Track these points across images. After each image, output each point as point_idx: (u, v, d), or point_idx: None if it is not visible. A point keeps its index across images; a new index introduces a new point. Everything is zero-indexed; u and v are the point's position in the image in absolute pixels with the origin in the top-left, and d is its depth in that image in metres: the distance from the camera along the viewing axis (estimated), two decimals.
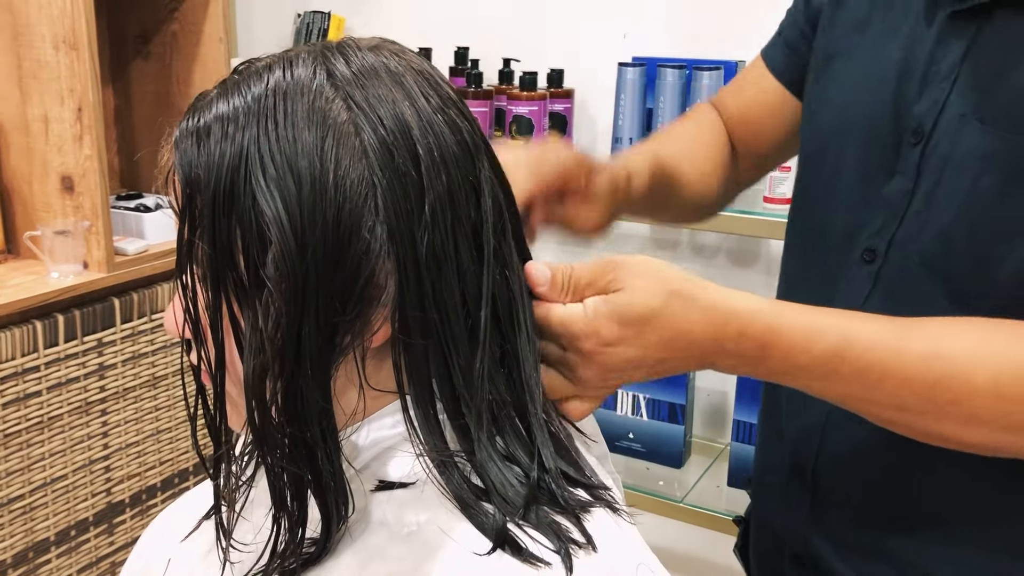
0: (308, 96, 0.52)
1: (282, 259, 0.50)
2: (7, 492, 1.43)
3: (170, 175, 0.55)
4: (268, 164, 0.51)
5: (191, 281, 0.54)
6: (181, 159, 0.53)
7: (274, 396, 0.52)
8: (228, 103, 0.53)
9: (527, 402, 0.57)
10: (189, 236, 0.53)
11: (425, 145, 0.53)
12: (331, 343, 0.52)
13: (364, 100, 0.53)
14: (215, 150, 0.52)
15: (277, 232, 0.50)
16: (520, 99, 1.65)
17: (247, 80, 0.54)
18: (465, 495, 0.54)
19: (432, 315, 0.53)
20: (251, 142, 0.51)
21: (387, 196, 0.51)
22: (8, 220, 1.60)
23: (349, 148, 0.51)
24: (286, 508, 0.54)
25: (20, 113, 1.53)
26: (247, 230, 0.51)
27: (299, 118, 0.52)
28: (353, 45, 0.56)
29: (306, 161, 0.51)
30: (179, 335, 0.57)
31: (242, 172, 0.51)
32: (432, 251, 0.52)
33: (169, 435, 1.69)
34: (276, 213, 0.50)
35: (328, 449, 0.53)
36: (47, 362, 1.45)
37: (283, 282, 0.50)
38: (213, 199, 0.51)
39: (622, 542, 0.56)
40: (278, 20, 2.08)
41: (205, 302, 0.54)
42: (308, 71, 0.54)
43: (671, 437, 1.71)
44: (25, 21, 1.48)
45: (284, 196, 0.50)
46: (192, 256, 0.54)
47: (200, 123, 0.53)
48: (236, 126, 0.52)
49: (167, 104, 1.78)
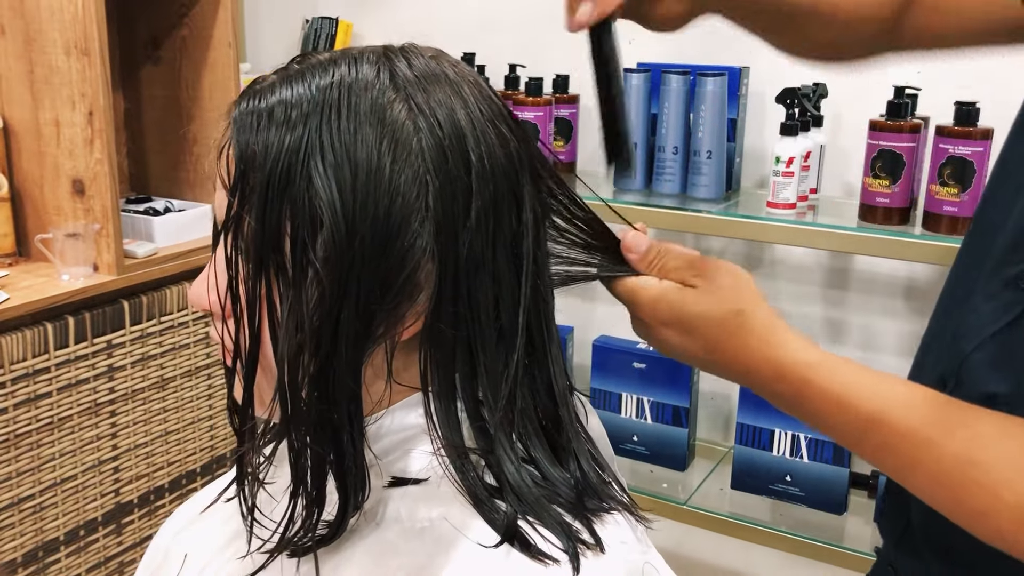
0: (371, 93, 0.54)
1: (332, 242, 0.52)
2: (18, 492, 1.44)
3: (225, 149, 0.56)
4: (328, 151, 0.53)
5: (234, 255, 0.55)
6: (239, 135, 0.55)
7: (306, 376, 0.53)
8: (292, 90, 0.55)
9: (556, 407, 0.59)
10: (237, 210, 0.55)
11: (477, 153, 0.55)
12: (367, 330, 0.54)
13: (424, 103, 0.55)
14: (276, 132, 0.54)
15: (330, 216, 0.52)
16: (526, 104, 1.66)
17: (311, 71, 0.56)
18: (479, 491, 0.55)
19: (464, 313, 0.55)
20: (314, 129, 0.53)
21: (437, 196, 0.53)
22: (19, 223, 1.61)
23: (406, 146, 0.53)
24: (305, 486, 0.55)
25: (32, 117, 1.55)
26: (299, 211, 0.53)
27: (362, 112, 0.54)
28: (416, 51, 0.59)
29: (364, 153, 0.53)
30: (206, 308, 0.58)
31: (301, 155, 0.53)
32: (472, 254, 0.54)
33: (177, 436, 1.71)
34: (331, 197, 0.52)
35: (353, 432, 0.55)
36: (57, 363, 1.47)
37: (329, 265, 0.52)
38: (268, 178, 0.53)
39: (630, 544, 0.57)
40: (286, 26, 2.10)
41: (244, 277, 0.55)
42: (372, 69, 0.56)
43: (675, 440, 1.72)
44: (37, 27, 1.50)
45: (340, 183, 0.52)
46: (238, 231, 0.55)
47: (262, 104, 0.55)
48: (300, 112, 0.54)
49: (176, 108, 1.80)
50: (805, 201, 1.52)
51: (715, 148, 1.56)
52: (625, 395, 1.73)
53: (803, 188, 1.50)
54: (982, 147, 1.34)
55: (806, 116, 1.52)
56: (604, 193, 1.66)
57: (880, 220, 1.43)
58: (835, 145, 1.64)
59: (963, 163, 1.34)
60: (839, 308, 1.72)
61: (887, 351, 1.68)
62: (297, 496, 0.56)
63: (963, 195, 1.35)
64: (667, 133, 1.58)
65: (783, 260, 1.76)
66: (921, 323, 1.62)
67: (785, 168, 1.48)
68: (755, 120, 1.69)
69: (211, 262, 0.57)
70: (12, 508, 1.44)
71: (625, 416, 1.74)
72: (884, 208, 1.42)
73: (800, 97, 1.55)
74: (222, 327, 0.58)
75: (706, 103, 1.54)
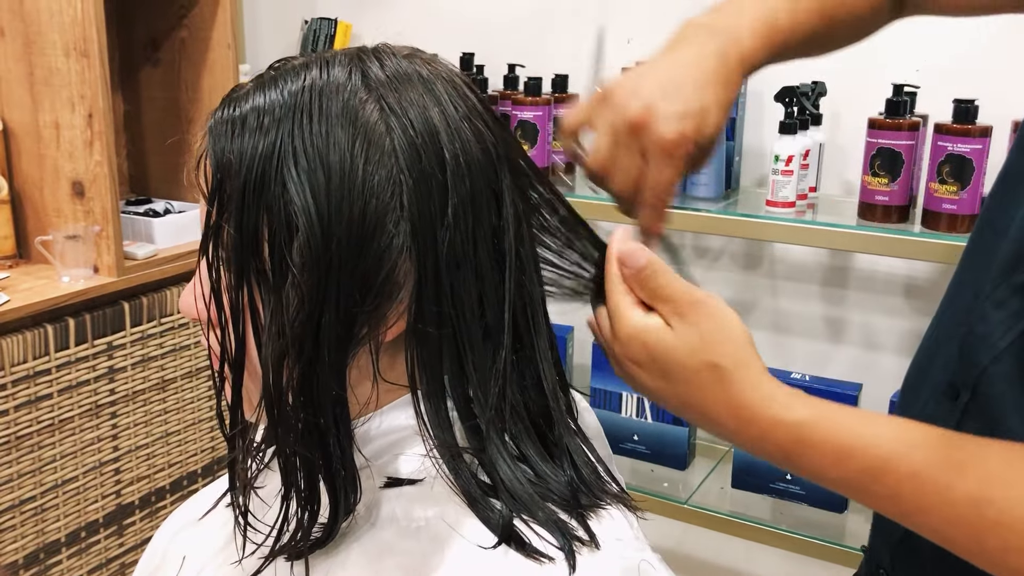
0: (343, 95, 0.54)
1: (307, 247, 0.52)
2: (19, 494, 1.45)
3: (202, 159, 0.56)
4: (300, 156, 0.53)
5: (216, 263, 0.55)
6: (215, 144, 0.55)
7: (290, 381, 0.53)
8: (265, 96, 0.55)
9: (546, 403, 0.59)
10: (216, 220, 0.55)
11: (452, 150, 0.55)
12: (349, 333, 0.54)
13: (396, 103, 0.55)
14: (249, 139, 0.54)
15: (304, 221, 0.52)
16: (525, 104, 1.66)
17: (284, 76, 0.56)
18: (473, 490, 0.55)
19: (448, 311, 0.55)
20: (285, 134, 0.53)
21: (412, 195, 0.53)
22: (20, 225, 1.61)
23: (379, 147, 0.53)
24: (296, 489, 0.55)
25: (32, 119, 1.55)
26: (275, 217, 0.53)
27: (333, 115, 0.53)
28: (388, 51, 0.58)
29: (337, 156, 0.53)
30: (196, 317, 0.59)
31: (274, 162, 0.53)
32: (452, 251, 0.54)
33: (178, 438, 1.71)
34: (305, 203, 0.52)
35: (340, 436, 0.55)
36: (58, 365, 1.47)
37: (307, 270, 0.52)
38: (244, 185, 0.53)
39: (625, 541, 0.57)
40: (285, 27, 2.10)
41: (226, 285, 0.55)
42: (344, 72, 0.55)
43: (675, 439, 1.72)
44: (37, 29, 1.50)
45: (314, 187, 0.52)
46: (218, 240, 0.55)
47: (236, 112, 0.55)
48: (272, 118, 0.54)
49: (176, 110, 1.80)
50: (804, 200, 1.52)
51: None
52: (625, 394, 1.73)
53: (802, 187, 1.50)
54: (981, 144, 1.34)
55: (805, 114, 1.52)
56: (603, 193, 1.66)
57: (879, 218, 1.43)
58: (834, 143, 1.64)
59: (962, 160, 1.34)
60: (839, 306, 1.72)
61: (887, 349, 1.68)
62: (288, 500, 0.56)
63: (962, 193, 1.35)
64: None
65: (782, 259, 1.76)
66: (921, 321, 1.62)
67: (784, 167, 1.48)
68: (754, 119, 1.69)
69: (198, 270, 0.57)
70: (14, 510, 1.44)
71: (625, 415, 1.74)
72: (883, 206, 1.42)
73: (799, 95, 1.55)
74: (210, 334, 0.58)
75: None
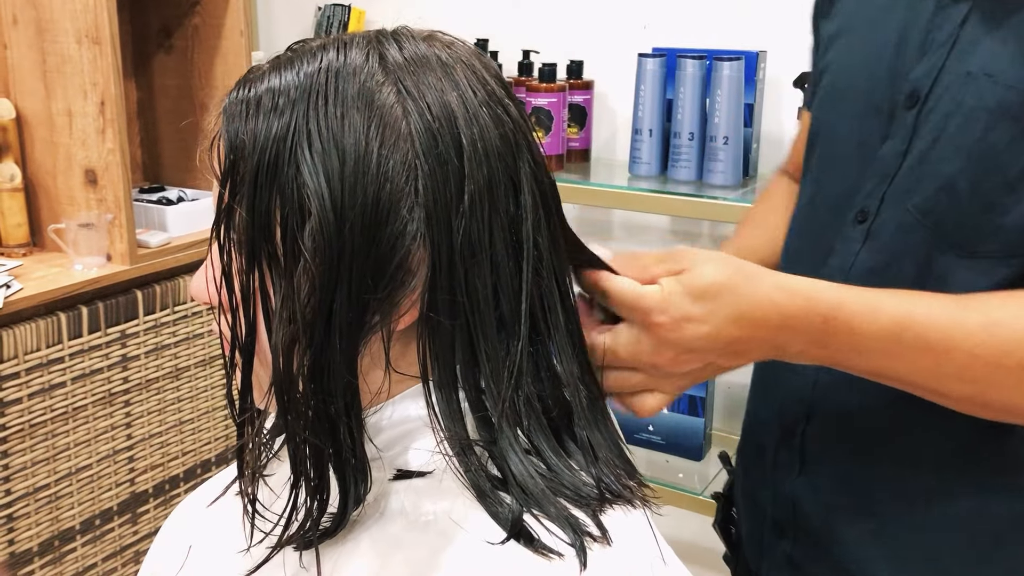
0: (359, 78, 0.53)
1: (320, 232, 0.51)
2: (33, 481, 1.45)
3: (216, 140, 0.56)
4: (315, 139, 0.52)
5: (228, 246, 0.55)
6: (228, 125, 0.54)
7: (301, 368, 0.52)
8: (280, 77, 0.54)
9: (564, 396, 0.58)
10: (229, 202, 0.54)
11: (469, 136, 0.53)
12: (361, 319, 0.53)
13: (414, 86, 0.53)
14: (264, 120, 0.53)
15: (318, 205, 0.51)
16: (539, 91, 1.64)
17: (301, 58, 0.55)
18: (483, 484, 0.54)
19: (462, 301, 0.53)
20: (300, 116, 0.52)
21: (427, 181, 0.52)
22: (33, 213, 1.62)
23: (395, 131, 0.52)
24: (306, 478, 0.54)
25: (44, 107, 1.55)
26: (287, 200, 0.52)
27: (349, 98, 0.52)
28: (407, 34, 0.57)
29: (352, 139, 0.52)
30: (207, 301, 0.58)
31: (288, 144, 0.52)
32: (467, 239, 0.53)
33: (192, 426, 1.71)
34: (318, 186, 0.51)
35: (351, 424, 0.54)
36: (71, 353, 1.47)
37: (319, 255, 0.51)
38: (256, 167, 0.52)
39: (638, 536, 0.56)
40: (299, 13, 2.09)
41: (238, 269, 0.54)
42: (362, 54, 0.54)
43: (691, 430, 1.70)
44: (49, 16, 1.50)
45: (328, 170, 0.51)
46: (230, 222, 0.54)
47: (251, 93, 0.54)
48: (287, 99, 0.53)
49: (189, 97, 1.79)
50: None
51: (732, 134, 1.54)
52: None
53: None
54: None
55: None
56: (619, 180, 1.65)
57: None
58: None
59: None
60: None
61: None
62: (297, 488, 0.55)
63: None
64: (683, 119, 1.56)
65: None
66: None
67: None
68: (772, 105, 1.66)
69: (209, 253, 0.57)
70: (28, 497, 1.45)
71: None
72: None
73: None
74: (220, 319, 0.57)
75: (722, 88, 1.52)
